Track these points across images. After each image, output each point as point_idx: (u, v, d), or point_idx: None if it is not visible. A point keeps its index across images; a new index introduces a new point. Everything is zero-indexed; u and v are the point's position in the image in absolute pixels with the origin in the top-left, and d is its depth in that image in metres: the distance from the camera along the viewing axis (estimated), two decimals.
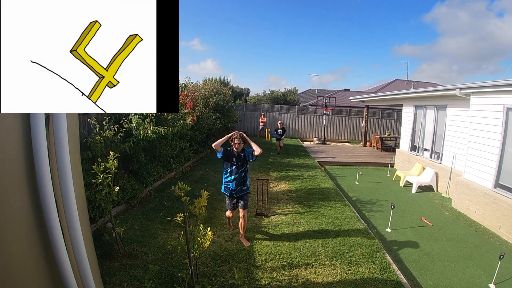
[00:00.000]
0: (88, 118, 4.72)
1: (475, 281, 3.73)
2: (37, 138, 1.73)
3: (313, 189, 7.13)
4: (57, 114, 1.85)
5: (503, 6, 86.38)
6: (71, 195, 1.94)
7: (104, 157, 3.87)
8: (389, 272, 3.64)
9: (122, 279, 3.21)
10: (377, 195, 7.30)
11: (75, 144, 2.39)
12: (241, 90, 27.84)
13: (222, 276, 3.42)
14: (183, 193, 2.69)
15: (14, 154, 1.70)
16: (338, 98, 18.97)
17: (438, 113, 8.37)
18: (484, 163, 5.84)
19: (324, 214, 5.48)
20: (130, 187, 5.32)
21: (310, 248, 4.16)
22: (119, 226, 3.62)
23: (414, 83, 23.13)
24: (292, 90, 25.40)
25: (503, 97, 5.48)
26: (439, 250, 4.52)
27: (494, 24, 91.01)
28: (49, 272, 1.90)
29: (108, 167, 3.24)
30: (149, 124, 5.52)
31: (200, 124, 8.97)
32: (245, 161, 4.05)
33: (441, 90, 7.59)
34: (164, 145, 6.26)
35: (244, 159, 4.04)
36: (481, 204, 5.70)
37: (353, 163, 10.79)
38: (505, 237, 4.99)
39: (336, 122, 18.63)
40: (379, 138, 14.35)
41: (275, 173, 8.69)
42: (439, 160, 8.11)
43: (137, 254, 3.74)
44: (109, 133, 4.73)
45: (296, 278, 3.47)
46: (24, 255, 1.74)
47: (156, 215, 4.98)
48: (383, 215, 5.85)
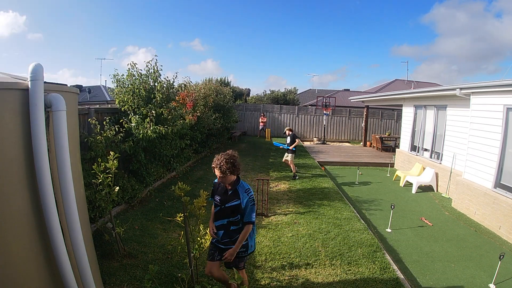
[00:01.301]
0: (89, 118, 4.72)
1: (475, 281, 3.73)
2: (37, 138, 1.73)
3: (313, 189, 7.13)
4: (57, 114, 1.85)
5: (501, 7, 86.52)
6: (71, 195, 1.94)
7: (105, 157, 3.87)
8: (389, 272, 3.64)
9: (122, 279, 3.21)
10: (377, 195, 7.30)
11: (75, 144, 2.39)
12: (241, 90, 27.84)
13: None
14: (183, 193, 2.69)
15: (14, 154, 1.70)
16: (338, 98, 18.98)
17: (438, 113, 8.37)
18: (484, 163, 5.84)
19: (324, 214, 5.48)
20: (130, 187, 5.32)
21: (310, 248, 4.16)
22: (119, 226, 3.62)
23: (414, 83, 23.15)
24: (292, 90, 25.43)
25: (503, 97, 5.48)
26: (439, 250, 4.52)
27: (493, 25, 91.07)
28: (49, 272, 1.90)
29: (108, 167, 3.24)
30: (148, 124, 5.51)
31: (200, 124, 8.97)
32: (238, 209, 2.50)
33: (441, 90, 7.59)
34: (164, 145, 6.26)
35: (233, 202, 2.49)
36: (481, 204, 5.70)
37: (353, 163, 10.79)
38: (505, 237, 4.99)
39: (336, 122, 18.63)
40: (379, 138, 14.35)
41: (275, 173, 8.69)
42: (439, 160, 8.11)
43: (137, 254, 3.74)
44: (109, 133, 4.73)
45: (296, 278, 3.47)
46: (24, 255, 1.74)
47: (156, 215, 4.98)
48: (383, 215, 5.85)
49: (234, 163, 2.44)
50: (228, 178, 2.45)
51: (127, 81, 5.96)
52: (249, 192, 2.52)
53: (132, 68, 5.96)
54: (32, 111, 1.73)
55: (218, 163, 2.42)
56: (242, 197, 2.49)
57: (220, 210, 2.57)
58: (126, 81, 5.97)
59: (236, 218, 2.54)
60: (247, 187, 2.55)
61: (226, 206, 2.52)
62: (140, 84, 5.91)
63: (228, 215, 2.55)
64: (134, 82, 5.93)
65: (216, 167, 2.43)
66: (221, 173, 2.41)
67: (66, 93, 2.16)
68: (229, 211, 2.52)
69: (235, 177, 2.52)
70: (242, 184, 2.56)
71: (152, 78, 6.14)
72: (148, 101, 5.88)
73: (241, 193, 2.50)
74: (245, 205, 2.49)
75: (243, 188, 2.53)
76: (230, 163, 2.41)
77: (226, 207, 2.52)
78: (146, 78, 6.07)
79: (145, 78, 6.06)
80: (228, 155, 2.45)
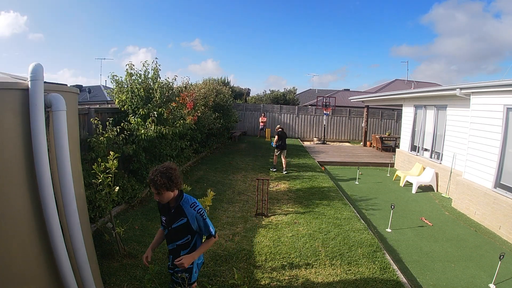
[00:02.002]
0: (89, 118, 4.72)
1: (475, 281, 3.73)
2: (37, 138, 1.73)
3: (313, 189, 7.13)
4: (57, 114, 1.85)
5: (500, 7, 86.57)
6: (71, 195, 1.93)
7: (105, 157, 3.87)
8: (389, 272, 3.64)
9: (122, 279, 3.21)
10: (377, 195, 7.30)
11: (75, 144, 2.39)
12: (241, 90, 27.85)
13: (222, 276, 3.41)
14: None
15: (14, 154, 1.70)
16: (338, 98, 18.98)
17: (438, 113, 8.37)
18: (484, 163, 5.84)
19: (324, 214, 5.48)
20: (130, 187, 5.32)
21: (310, 248, 4.16)
22: (119, 226, 3.62)
23: (414, 83, 23.14)
24: (292, 90, 25.43)
25: (503, 97, 5.48)
26: (439, 250, 4.52)
27: (492, 25, 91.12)
28: (49, 272, 1.90)
29: (108, 167, 3.24)
30: (150, 124, 5.50)
31: (200, 123, 8.97)
32: (188, 229, 2.13)
33: (441, 90, 7.58)
34: (164, 145, 6.26)
35: (180, 221, 2.11)
36: (481, 204, 5.70)
37: (353, 163, 10.79)
38: (505, 237, 4.99)
39: (336, 122, 18.63)
40: (379, 138, 14.35)
41: (275, 173, 8.70)
42: (439, 160, 8.11)
43: (137, 254, 3.74)
44: (111, 134, 4.72)
45: (296, 278, 3.47)
46: (24, 255, 1.74)
47: (156, 215, 4.98)
48: (383, 215, 5.85)
49: (170, 177, 2.00)
50: (165, 195, 2.02)
51: (125, 81, 5.96)
52: (195, 206, 2.12)
53: (131, 68, 5.96)
54: (32, 111, 1.73)
55: (151, 177, 1.99)
56: (188, 213, 2.08)
57: (168, 232, 2.18)
58: (124, 81, 5.97)
59: (186, 240, 2.14)
60: (192, 201, 2.14)
61: (172, 227, 2.13)
62: (139, 84, 5.91)
63: (176, 238, 2.15)
64: (133, 82, 5.93)
65: (150, 182, 2.00)
66: (155, 190, 2.00)
67: (66, 93, 2.16)
68: (177, 232, 2.13)
69: (176, 192, 2.10)
70: (186, 198, 2.14)
71: (152, 78, 6.14)
72: (147, 101, 5.88)
73: (186, 208, 2.09)
74: (195, 221, 2.09)
75: (188, 202, 2.12)
76: (166, 177, 1.98)
77: (172, 228, 2.13)
78: (145, 78, 6.07)
79: (144, 78, 6.06)
80: (164, 167, 2.03)
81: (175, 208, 2.11)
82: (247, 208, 5.70)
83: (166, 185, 1.99)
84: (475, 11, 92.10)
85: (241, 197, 6.39)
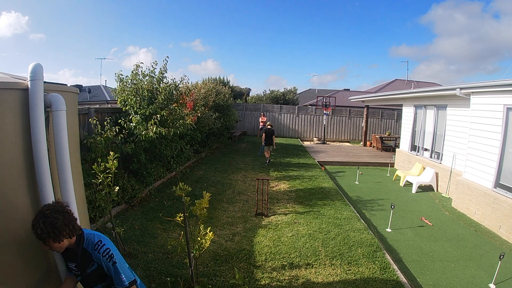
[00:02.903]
0: (89, 118, 4.71)
1: (475, 281, 3.73)
2: (37, 138, 1.73)
3: (313, 189, 7.13)
4: (57, 113, 1.85)
5: (499, 8, 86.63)
6: (71, 195, 1.93)
7: (105, 157, 3.87)
8: (389, 272, 3.64)
9: None
10: (377, 195, 7.30)
11: (75, 144, 2.39)
12: (241, 90, 27.84)
13: (222, 276, 3.41)
14: (184, 194, 2.70)
15: (13, 154, 1.69)
16: (338, 98, 18.98)
17: (438, 113, 8.37)
18: (484, 163, 5.84)
19: (324, 214, 5.48)
20: (130, 187, 5.32)
21: (310, 248, 4.16)
22: (119, 226, 3.63)
23: (414, 83, 23.14)
24: (292, 90, 25.41)
25: (503, 97, 5.48)
26: (439, 250, 4.52)
27: (490, 25, 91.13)
28: (49, 272, 1.90)
29: (108, 167, 3.24)
30: (152, 126, 5.47)
31: (200, 123, 8.97)
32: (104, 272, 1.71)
33: (441, 90, 7.58)
34: (164, 145, 6.26)
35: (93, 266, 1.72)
36: (481, 204, 5.70)
37: (353, 163, 10.79)
38: (505, 237, 4.99)
39: (336, 122, 18.62)
40: (379, 138, 14.35)
41: (275, 173, 8.70)
42: (439, 160, 8.10)
43: (137, 254, 3.74)
44: (110, 133, 4.70)
45: (296, 278, 3.47)
46: (24, 255, 1.73)
47: (156, 215, 4.98)
48: (383, 215, 5.85)
49: (55, 225, 1.51)
50: (55, 246, 1.56)
51: (130, 81, 5.95)
52: (100, 247, 1.68)
53: (137, 68, 5.96)
54: (32, 111, 1.73)
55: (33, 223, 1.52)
56: (95, 257, 1.68)
57: (84, 278, 1.76)
58: (129, 81, 5.95)
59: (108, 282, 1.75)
60: (96, 240, 1.71)
61: (88, 272, 1.73)
62: (144, 84, 5.89)
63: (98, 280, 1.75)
64: (138, 82, 5.91)
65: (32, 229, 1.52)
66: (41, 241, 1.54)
67: (66, 92, 2.16)
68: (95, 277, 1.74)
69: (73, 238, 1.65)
70: (89, 238, 1.72)
71: (157, 79, 6.13)
72: (150, 102, 5.87)
73: (92, 251, 1.68)
74: (105, 267, 1.68)
75: (92, 243, 1.70)
76: (50, 225, 1.50)
77: (89, 273, 1.73)
78: (150, 79, 6.05)
79: (149, 79, 6.05)
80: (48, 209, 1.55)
81: (80, 253, 1.69)
82: (247, 208, 5.70)
83: (50, 234, 1.50)
84: (473, 12, 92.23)
85: (241, 197, 6.39)
